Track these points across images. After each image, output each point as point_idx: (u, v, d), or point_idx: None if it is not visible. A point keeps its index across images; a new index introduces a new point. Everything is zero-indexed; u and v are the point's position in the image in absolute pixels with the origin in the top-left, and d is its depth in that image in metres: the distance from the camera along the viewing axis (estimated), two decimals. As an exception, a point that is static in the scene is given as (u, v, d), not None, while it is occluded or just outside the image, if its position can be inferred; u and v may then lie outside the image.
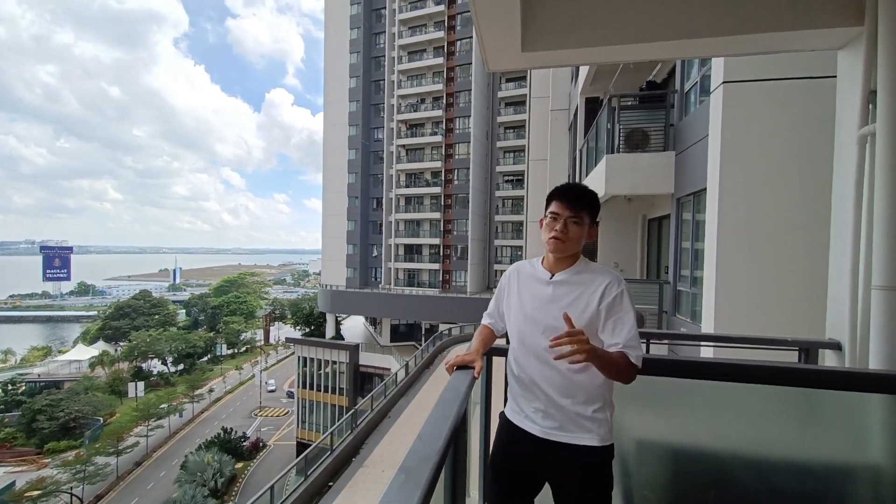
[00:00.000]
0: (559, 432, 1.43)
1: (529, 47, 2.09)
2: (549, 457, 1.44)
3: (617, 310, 1.38)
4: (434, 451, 0.84)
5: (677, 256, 6.97)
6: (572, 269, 1.47)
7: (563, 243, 1.44)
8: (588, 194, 1.48)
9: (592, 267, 1.47)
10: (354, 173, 42.32)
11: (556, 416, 1.43)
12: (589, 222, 1.46)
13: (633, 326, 1.36)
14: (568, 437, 1.42)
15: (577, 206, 1.45)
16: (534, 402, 1.47)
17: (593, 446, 1.40)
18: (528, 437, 1.48)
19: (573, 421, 1.41)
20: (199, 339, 55.88)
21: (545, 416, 1.45)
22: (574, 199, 1.46)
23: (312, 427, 31.72)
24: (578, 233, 1.45)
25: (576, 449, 1.40)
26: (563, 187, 1.50)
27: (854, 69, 1.85)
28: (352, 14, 42.60)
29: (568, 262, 1.48)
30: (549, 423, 1.44)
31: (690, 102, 6.80)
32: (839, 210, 1.97)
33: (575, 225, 1.44)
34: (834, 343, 2.01)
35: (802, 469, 1.72)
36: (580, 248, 1.48)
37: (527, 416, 1.50)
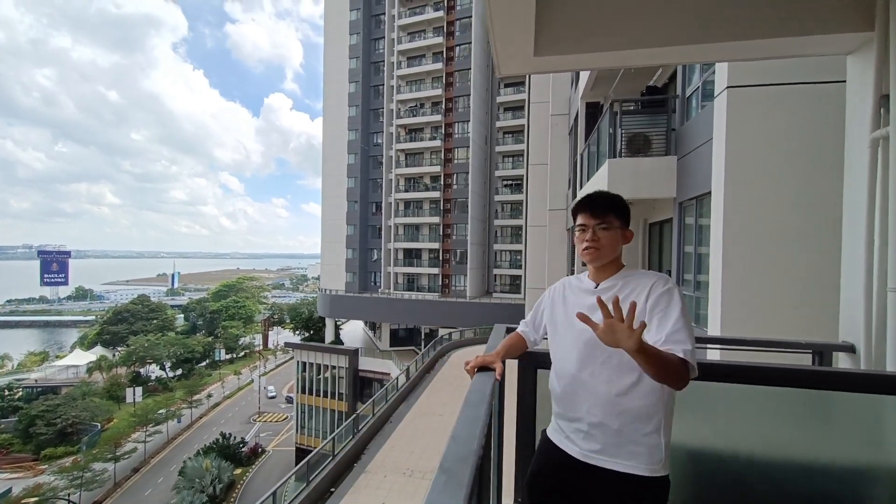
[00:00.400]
0: (600, 456, 1.32)
1: (542, 52, 2.10)
2: (589, 481, 1.34)
3: (663, 305, 1.27)
4: (470, 451, 0.84)
5: (680, 260, 6.99)
6: (617, 276, 1.42)
7: (598, 251, 1.41)
8: (611, 198, 1.46)
9: (639, 272, 1.41)
10: (354, 178, 42.38)
11: (598, 437, 1.33)
12: (620, 225, 1.43)
13: (680, 320, 1.23)
14: (610, 462, 1.30)
15: (602, 211, 1.42)
16: (575, 422, 1.39)
17: (639, 475, 1.27)
18: (568, 459, 1.40)
19: (618, 444, 1.30)
20: (198, 343, 55.69)
21: (586, 438, 1.35)
22: (597, 206, 1.43)
23: (311, 432, 31.53)
24: (610, 238, 1.41)
25: (618, 476, 1.29)
26: (585, 197, 1.47)
27: (865, 74, 1.87)
28: (351, 20, 42.84)
29: (612, 270, 1.44)
30: (590, 444, 1.34)
31: (692, 107, 6.85)
32: (851, 213, 1.98)
33: (604, 231, 1.41)
34: (848, 345, 2.01)
35: (818, 472, 1.72)
36: (617, 253, 1.44)
37: (567, 437, 1.42)
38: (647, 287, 1.32)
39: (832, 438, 1.75)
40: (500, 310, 33.89)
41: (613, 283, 1.40)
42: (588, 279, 1.49)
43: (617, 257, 1.45)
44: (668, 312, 1.25)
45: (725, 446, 1.83)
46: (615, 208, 1.43)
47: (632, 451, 1.28)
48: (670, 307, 1.26)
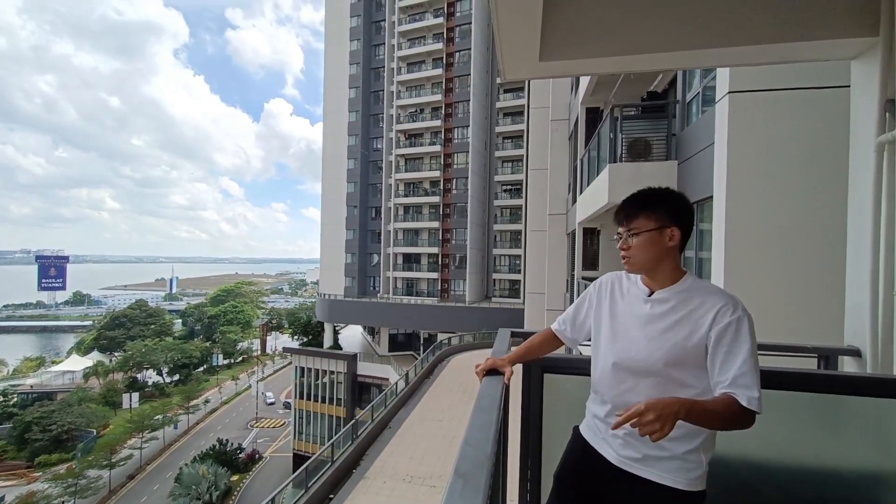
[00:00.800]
0: (639, 465, 1.26)
1: (547, 57, 2.12)
2: (622, 488, 1.29)
3: (730, 339, 1.13)
4: (485, 455, 0.84)
5: (681, 263, 6.99)
6: (676, 287, 1.25)
7: (629, 259, 1.30)
8: (642, 197, 1.29)
9: (702, 285, 1.24)
10: (353, 182, 42.47)
11: (638, 446, 1.26)
12: (656, 226, 1.25)
13: (749, 360, 1.11)
14: (648, 473, 1.24)
15: (628, 216, 1.30)
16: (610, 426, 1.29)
17: (678, 489, 1.21)
18: (603, 462, 1.34)
19: (658, 456, 1.23)
20: (196, 349, 55.45)
21: (625, 445, 1.29)
22: (623, 213, 1.31)
23: (309, 438, 31.34)
24: (643, 244, 1.26)
25: (656, 488, 1.23)
26: (620, 204, 1.33)
27: (870, 78, 1.88)
28: (352, 26, 43.14)
29: (669, 278, 1.27)
30: (629, 452, 1.28)
31: (692, 113, 6.89)
32: (856, 217, 1.99)
33: (636, 237, 1.27)
34: (854, 350, 2.01)
35: (826, 477, 1.71)
36: (659, 258, 1.26)
37: (604, 440, 1.35)
38: (713, 310, 1.16)
39: (840, 443, 1.74)
40: (499, 314, 33.84)
41: (670, 297, 1.25)
42: (641, 283, 1.33)
43: (666, 262, 1.27)
44: (736, 350, 1.12)
45: (732, 451, 1.81)
46: (647, 208, 1.27)
47: (672, 465, 1.23)
48: (738, 343, 1.13)
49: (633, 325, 1.30)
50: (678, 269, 1.29)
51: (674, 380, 1.21)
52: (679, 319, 1.21)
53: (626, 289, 1.38)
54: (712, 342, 1.15)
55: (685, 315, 1.20)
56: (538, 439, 1.80)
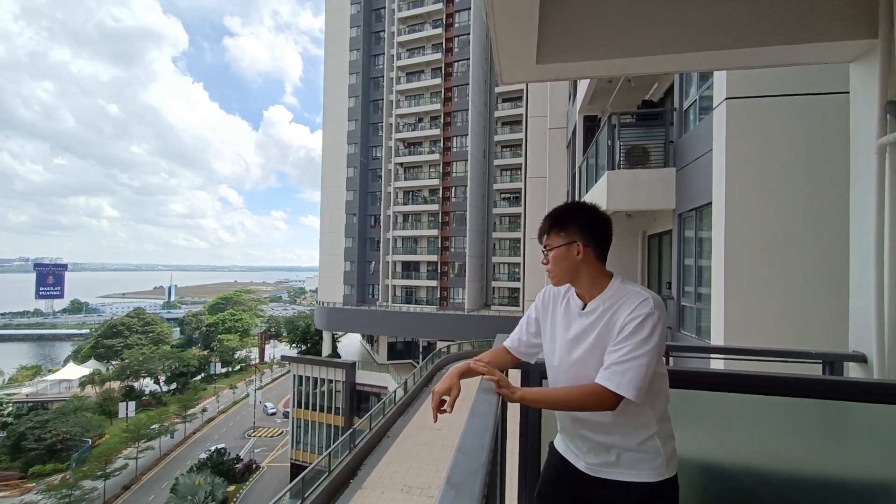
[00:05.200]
0: (607, 469, 1.31)
1: (544, 60, 2.10)
2: (599, 493, 1.33)
3: (628, 330, 1.19)
4: (479, 464, 0.79)
5: (680, 272, 6.96)
6: (603, 296, 1.30)
7: (549, 275, 1.37)
8: (551, 215, 1.36)
9: (626, 289, 1.27)
10: (353, 191, 42.56)
11: (601, 451, 1.32)
12: (562, 242, 1.31)
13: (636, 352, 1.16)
14: (617, 474, 1.30)
15: (541, 234, 1.38)
16: (576, 439, 1.38)
17: (646, 482, 1.27)
18: (576, 472, 1.38)
19: (621, 456, 1.29)
20: (193, 357, 55.10)
21: (590, 452, 1.34)
22: (540, 230, 1.39)
23: (307, 448, 30.99)
24: (556, 259, 1.32)
25: (627, 486, 1.28)
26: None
27: (869, 81, 1.86)
28: (351, 37, 43.56)
29: (597, 288, 1.31)
30: (596, 459, 1.33)
31: (689, 120, 6.90)
32: (859, 220, 1.96)
33: (550, 253, 1.34)
34: (859, 355, 1.97)
35: (832, 485, 1.66)
36: (576, 271, 1.31)
37: (573, 452, 1.41)
38: (628, 309, 1.22)
39: (846, 451, 1.70)
40: (498, 322, 33.68)
41: (598, 306, 1.29)
42: (576, 296, 1.38)
43: (588, 273, 1.31)
44: (628, 337, 1.19)
45: (734, 458, 1.77)
46: (556, 225, 1.33)
47: (634, 460, 1.28)
48: (633, 332, 1.19)
49: (569, 340, 1.34)
50: (602, 277, 1.32)
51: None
52: (603, 329, 1.26)
53: (565, 300, 1.41)
54: (615, 331, 1.22)
55: (608, 320, 1.26)
56: (537, 448, 1.75)
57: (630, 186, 7.37)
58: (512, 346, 1.53)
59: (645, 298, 1.22)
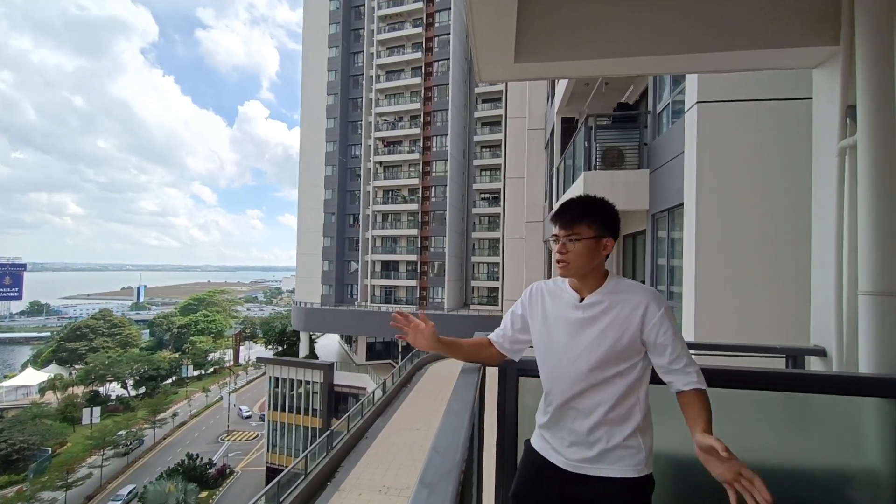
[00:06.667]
0: (589, 465, 1.32)
1: (522, 59, 2.11)
2: (578, 490, 1.33)
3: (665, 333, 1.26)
4: (454, 464, 0.78)
5: (653, 271, 7.13)
6: (603, 290, 1.33)
7: (567, 265, 1.33)
8: (584, 204, 1.35)
9: (625, 284, 1.33)
10: (331, 189, 41.99)
11: (584, 446, 1.33)
12: (595, 234, 1.30)
13: (684, 346, 1.29)
14: (599, 470, 1.31)
15: (570, 221, 1.33)
16: (561, 432, 1.37)
17: (627, 478, 1.29)
18: (556, 470, 1.37)
19: (604, 451, 1.30)
20: (164, 360, 53.24)
21: (573, 447, 1.35)
22: (565, 216, 1.34)
23: (284, 451, 30.42)
24: (581, 250, 1.30)
25: (608, 482, 1.30)
26: (559, 206, 1.38)
27: (831, 86, 1.94)
28: (330, 33, 42.95)
29: (597, 282, 1.34)
30: (578, 455, 1.33)
31: (663, 123, 7.08)
32: (820, 220, 2.04)
33: (574, 242, 1.31)
34: (819, 349, 2.05)
35: (797, 476, 1.72)
36: (593, 264, 1.32)
37: (553, 448, 1.39)
38: (642, 306, 1.27)
39: (808, 441, 1.77)
40: (477, 322, 33.86)
41: (600, 300, 1.32)
42: (570, 289, 1.38)
43: (597, 268, 1.34)
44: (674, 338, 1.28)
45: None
46: (588, 216, 1.32)
47: (617, 456, 1.30)
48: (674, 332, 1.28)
49: (567, 333, 1.35)
50: (603, 272, 1.37)
51: (609, 379, 1.30)
52: (609, 323, 1.29)
53: (555, 295, 1.41)
54: (651, 340, 1.28)
55: (614, 317, 1.29)
56: (514, 447, 1.75)
57: (606, 187, 7.50)
58: (496, 340, 1.53)
59: (652, 294, 1.30)
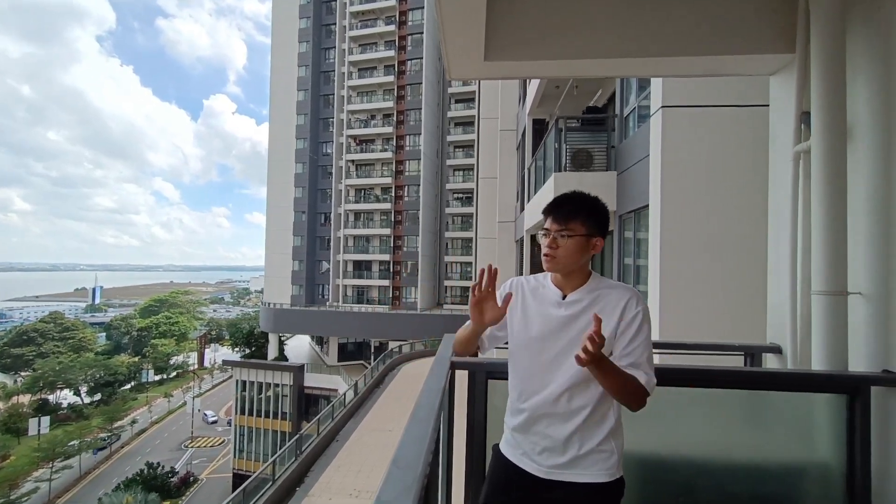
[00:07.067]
0: (562, 470, 1.29)
1: (492, 57, 2.09)
2: (550, 497, 1.30)
3: (635, 329, 1.27)
4: (414, 478, 0.74)
5: (620, 270, 7.32)
6: (586, 287, 1.33)
7: (555, 259, 1.30)
8: (579, 202, 1.33)
9: (608, 283, 1.34)
10: (301, 187, 41.06)
11: (559, 451, 1.30)
12: (587, 232, 1.29)
13: (649, 348, 1.27)
14: (572, 475, 1.28)
15: (564, 217, 1.31)
16: (534, 436, 1.33)
17: (600, 483, 1.27)
18: (527, 477, 1.34)
19: (578, 457, 1.28)
20: (122, 364, 50.67)
21: (546, 452, 1.31)
22: (560, 211, 1.32)
23: (251, 456, 29.53)
24: (571, 246, 1.29)
25: (581, 487, 1.28)
26: (553, 200, 1.36)
27: (787, 93, 2.02)
28: (300, 28, 41.97)
29: (580, 280, 1.34)
30: (550, 461, 1.30)
31: (629, 127, 7.27)
32: (776, 222, 2.12)
33: (565, 238, 1.29)
34: (775, 347, 2.13)
35: (756, 470, 1.77)
36: (580, 262, 1.32)
37: (525, 453, 1.35)
38: (621, 304, 1.28)
39: (767, 436, 1.82)
40: (451, 321, 33.88)
41: (582, 297, 1.31)
42: (552, 285, 1.37)
43: (582, 266, 1.34)
44: (638, 336, 1.26)
45: (671, 450, 1.84)
46: (583, 213, 1.31)
47: (591, 461, 1.28)
48: (643, 332, 1.27)
49: (548, 330, 1.33)
50: (587, 270, 1.37)
51: (588, 381, 1.27)
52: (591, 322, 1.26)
53: (537, 291, 1.40)
54: (620, 330, 1.27)
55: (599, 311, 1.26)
56: (483, 452, 1.72)
57: (575, 188, 7.57)
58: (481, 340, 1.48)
59: (634, 292, 1.30)
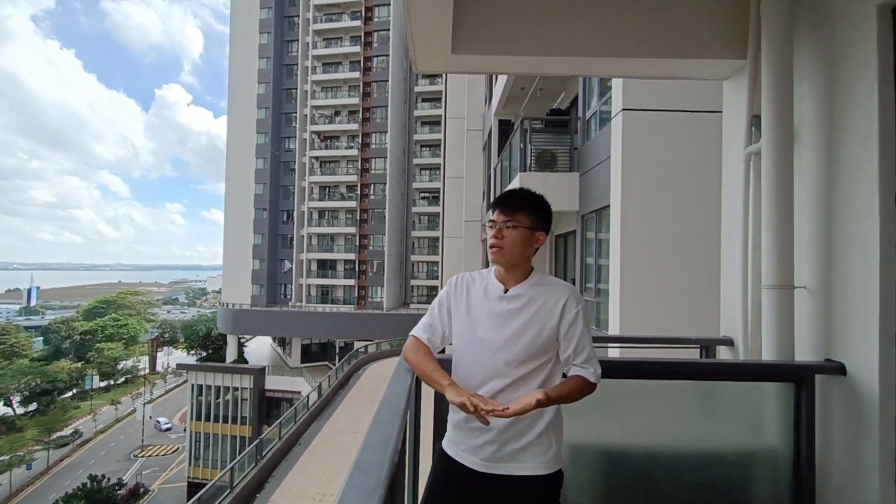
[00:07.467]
0: (501, 464, 1.31)
1: (459, 49, 2.07)
2: (491, 491, 1.31)
3: (576, 327, 1.31)
4: (378, 481, 0.70)
5: (583, 269, 7.52)
6: (528, 282, 1.36)
7: (501, 250, 1.34)
8: (526, 196, 1.39)
9: (548, 279, 1.39)
10: (263, 183, 39.66)
11: (498, 445, 1.31)
12: (531, 225, 1.35)
13: (591, 341, 1.33)
14: (511, 468, 1.30)
15: (512, 209, 1.35)
16: (474, 431, 1.33)
17: (538, 475, 1.29)
18: (469, 473, 1.34)
19: (517, 450, 1.30)
20: (62, 371, 47.06)
21: (486, 446, 1.32)
22: (507, 203, 1.36)
23: (208, 463, 28.28)
24: (517, 238, 1.33)
25: (519, 480, 1.29)
26: (502, 194, 1.42)
27: (739, 97, 2.12)
28: (261, 18, 40.50)
29: (522, 275, 1.38)
30: (490, 454, 1.31)
31: (591, 129, 7.48)
32: (728, 220, 2.23)
33: (511, 229, 1.33)
34: (727, 339, 2.23)
35: (711, 459, 1.84)
36: (525, 255, 1.36)
37: (466, 449, 1.36)
38: (561, 301, 1.32)
39: (720, 424, 1.90)
40: (417, 321, 33.62)
41: (524, 292, 1.35)
42: (496, 280, 1.40)
43: (525, 260, 1.38)
44: (582, 334, 1.32)
45: (632, 442, 1.89)
46: (528, 207, 1.36)
47: (530, 454, 1.30)
48: (584, 330, 1.33)
49: (491, 323, 1.35)
50: (529, 266, 1.41)
51: (528, 374, 1.31)
52: (532, 315, 1.32)
53: (480, 286, 1.42)
54: (563, 332, 1.31)
55: (537, 310, 1.32)
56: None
57: (540, 189, 7.44)
58: (432, 339, 1.45)
59: (573, 291, 1.35)
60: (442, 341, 1.46)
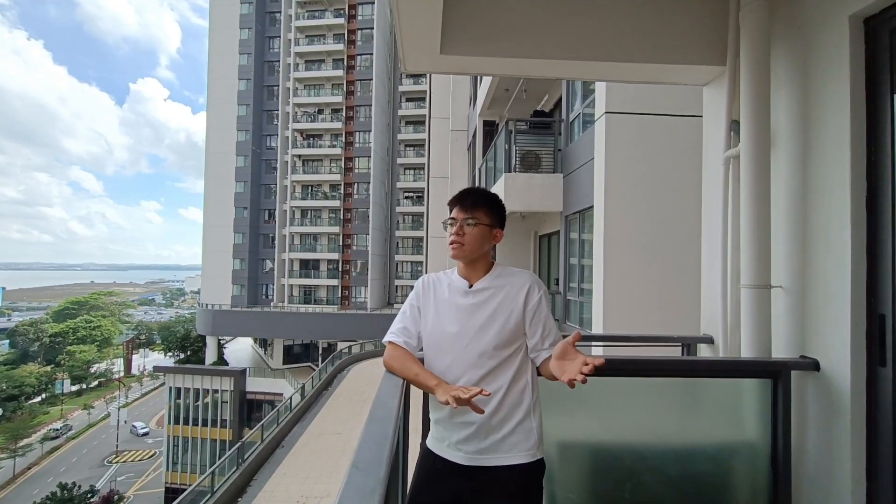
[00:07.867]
0: (485, 455, 1.33)
1: (447, 50, 2.08)
2: (476, 484, 1.34)
3: (541, 312, 1.39)
4: (377, 481, 0.70)
5: (566, 269, 7.62)
6: (491, 276, 1.43)
7: (462, 246, 1.39)
8: (484, 195, 1.46)
9: (510, 270, 1.46)
10: (243, 182, 38.93)
11: (481, 437, 1.33)
12: (490, 223, 1.42)
13: (556, 325, 1.41)
14: (494, 459, 1.32)
15: (471, 206, 1.41)
16: (456, 425, 1.35)
17: (520, 464, 1.32)
18: (452, 467, 1.36)
19: (498, 439, 1.32)
20: (30, 375, 45.29)
21: (469, 440, 1.34)
22: (466, 201, 1.42)
23: (187, 468, 27.60)
24: (476, 234, 1.39)
25: (503, 470, 1.32)
26: (459, 192, 1.48)
27: (718, 102, 2.19)
28: (242, 13, 39.78)
29: (484, 270, 1.44)
30: (474, 447, 1.33)
31: (575, 131, 7.59)
32: (709, 221, 2.30)
33: (471, 226, 1.39)
34: (708, 338, 2.30)
35: (693, 454, 1.90)
36: (484, 251, 1.43)
37: (449, 445, 1.38)
38: (525, 288, 1.39)
39: (701, 420, 1.96)
40: (401, 321, 33.68)
41: (487, 285, 1.41)
42: (459, 277, 1.45)
43: (485, 255, 1.44)
44: (547, 317, 1.40)
45: (616, 439, 1.93)
46: (486, 205, 1.43)
47: (511, 443, 1.33)
48: (548, 312, 1.41)
49: (459, 319, 1.39)
50: (489, 261, 1.47)
51: (501, 364, 1.35)
52: (498, 306, 1.37)
53: (444, 284, 1.48)
54: (529, 318, 1.38)
55: (502, 300, 1.38)
56: (438, 448, 1.70)
57: (525, 189, 7.85)
58: (410, 342, 1.45)
59: (534, 278, 1.43)
60: (418, 342, 1.48)
